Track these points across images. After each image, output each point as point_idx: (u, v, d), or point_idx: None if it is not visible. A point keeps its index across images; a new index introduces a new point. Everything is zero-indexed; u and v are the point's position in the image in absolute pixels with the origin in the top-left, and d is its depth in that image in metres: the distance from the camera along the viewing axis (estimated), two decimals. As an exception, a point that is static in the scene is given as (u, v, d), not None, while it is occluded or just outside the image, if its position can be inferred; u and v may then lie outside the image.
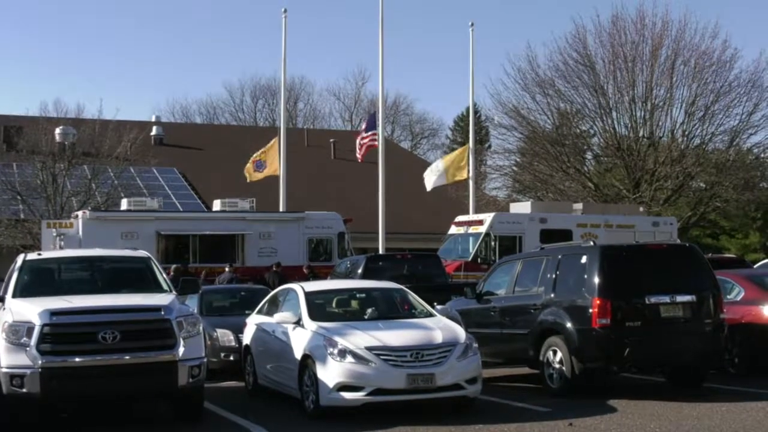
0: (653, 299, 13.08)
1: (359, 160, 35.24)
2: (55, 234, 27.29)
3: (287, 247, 29.40)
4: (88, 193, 36.54)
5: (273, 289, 16.74)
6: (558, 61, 41.34)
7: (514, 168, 44.84)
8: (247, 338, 14.82)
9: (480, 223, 30.59)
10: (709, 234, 48.41)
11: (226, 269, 26.72)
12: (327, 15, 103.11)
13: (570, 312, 13.35)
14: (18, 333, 11.05)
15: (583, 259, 13.44)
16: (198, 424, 11.92)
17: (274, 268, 27.13)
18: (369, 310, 13.34)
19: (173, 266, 25.62)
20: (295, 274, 26.22)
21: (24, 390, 10.90)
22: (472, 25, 35.75)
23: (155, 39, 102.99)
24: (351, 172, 47.08)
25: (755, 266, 24.38)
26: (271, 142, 33.97)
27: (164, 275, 13.20)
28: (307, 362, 12.20)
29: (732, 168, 40.23)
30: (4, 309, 11.87)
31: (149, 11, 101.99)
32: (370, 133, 33.34)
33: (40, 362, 10.89)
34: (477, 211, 34.94)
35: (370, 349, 11.73)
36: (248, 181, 34.25)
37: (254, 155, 34.28)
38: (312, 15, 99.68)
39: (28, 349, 10.95)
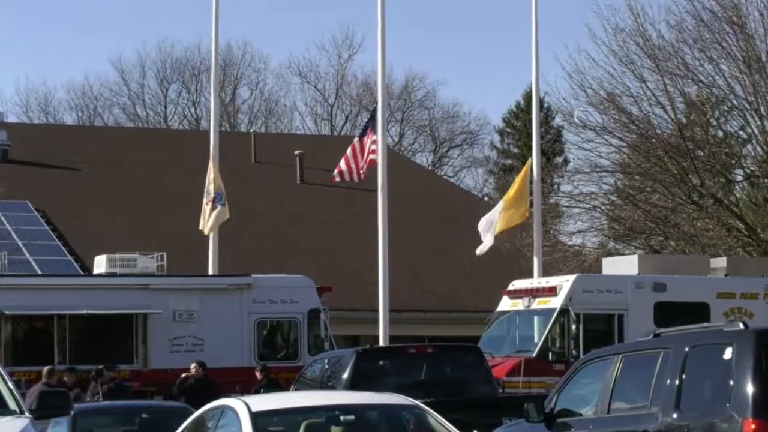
0: None
1: (358, 179, 32.72)
2: None
3: (222, 334, 29.46)
4: None
5: (196, 406, 16.77)
6: (685, 14, 41.60)
7: (611, 197, 44.93)
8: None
9: (551, 292, 30.65)
10: None
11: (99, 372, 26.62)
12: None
13: (705, 444, 13.40)
14: None
15: (728, 354, 13.51)
16: None
17: (194, 371, 26.91)
18: (361, 444, 13.39)
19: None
20: (237, 380, 26.27)
21: None
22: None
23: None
24: (330, 205, 47.12)
25: None
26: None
27: (11, 385, 13.25)
28: None
29: None
30: None
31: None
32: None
33: None
34: (546, 272, 35.00)
35: None
36: (206, 232, 33.12)
37: (209, 183, 32.85)
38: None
39: None
